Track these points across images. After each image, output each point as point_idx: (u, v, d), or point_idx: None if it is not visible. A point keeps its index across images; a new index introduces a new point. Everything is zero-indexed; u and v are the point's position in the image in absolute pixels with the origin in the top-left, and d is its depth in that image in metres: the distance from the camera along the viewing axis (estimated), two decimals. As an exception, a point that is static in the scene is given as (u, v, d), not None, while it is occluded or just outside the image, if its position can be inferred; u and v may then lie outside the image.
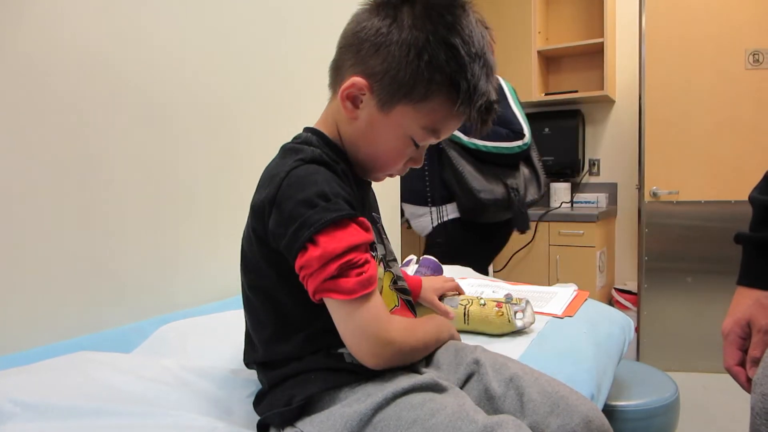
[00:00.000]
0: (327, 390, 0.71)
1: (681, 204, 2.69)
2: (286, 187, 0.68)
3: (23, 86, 1.08)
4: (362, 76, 0.74)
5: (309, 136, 0.79)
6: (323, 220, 0.65)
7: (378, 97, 0.74)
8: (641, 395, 1.40)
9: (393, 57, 0.71)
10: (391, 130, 0.76)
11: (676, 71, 2.65)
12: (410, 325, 0.76)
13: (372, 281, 0.68)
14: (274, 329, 0.76)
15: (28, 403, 0.71)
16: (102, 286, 1.23)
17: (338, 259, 0.65)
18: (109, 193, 1.24)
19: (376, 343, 0.68)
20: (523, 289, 1.52)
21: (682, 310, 2.71)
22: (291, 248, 0.67)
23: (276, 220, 0.69)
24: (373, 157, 0.79)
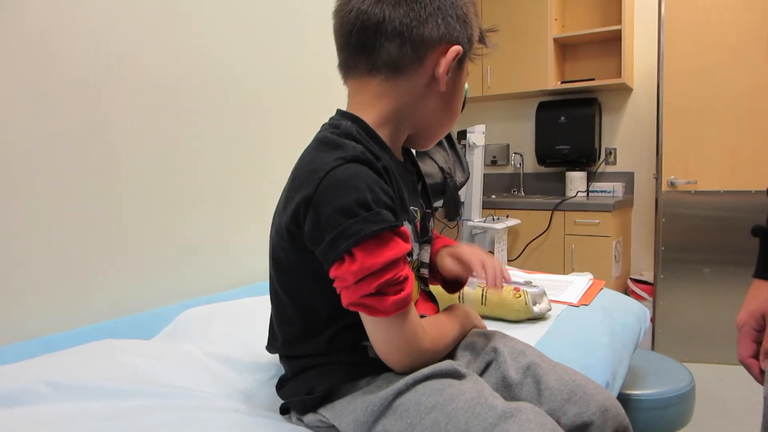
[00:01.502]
0: (348, 380, 0.73)
1: (699, 194, 2.66)
2: (325, 189, 0.64)
3: (46, 74, 1.10)
4: (455, 42, 0.74)
5: (348, 126, 0.72)
6: (362, 233, 0.62)
7: (459, 58, 0.75)
8: (656, 384, 1.40)
9: (463, 15, 0.75)
10: (462, 84, 0.79)
11: (696, 58, 2.61)
12: (440, 331, 0.76)
13: (408, 300, 0.66)
14: (301, 328, 0.75)
15: (60, 384, 0.74)
16: (124, 272, 1.26)
17: (376, 277, 0.63)
18: (130, 179, 1.27)
19: (408, 355, 0.69)
20: (538, 277, 1.52)
21: (699, 301, 2.69)
22: (326, 256, 0.65)
23: (312, 224, 0.65)
24: (449, 119, 0.81)
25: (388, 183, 0.68)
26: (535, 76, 3.26)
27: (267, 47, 1.62)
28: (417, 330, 0.69)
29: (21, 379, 0.74)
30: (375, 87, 0.74)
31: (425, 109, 0.77)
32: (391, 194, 0.67)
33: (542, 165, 3.48)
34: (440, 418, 0.63)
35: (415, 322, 0.69)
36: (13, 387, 0.72)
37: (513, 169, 3.68)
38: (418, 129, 0.80)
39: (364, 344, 0.72)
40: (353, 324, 0.70)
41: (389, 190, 0.67)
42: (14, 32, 1.05)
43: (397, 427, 0.65)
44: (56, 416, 0.70)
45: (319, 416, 0.74)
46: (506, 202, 3.24)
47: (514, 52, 3.28)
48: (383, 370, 0.71)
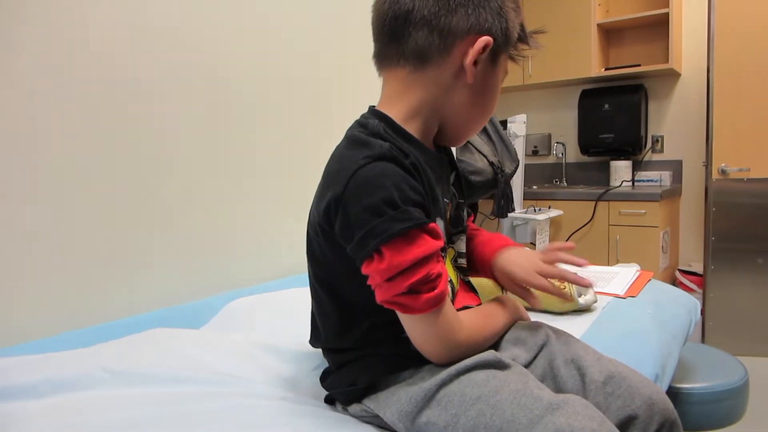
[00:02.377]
0: (391, 372, 0.73)
1: (752, 182, 2.55)
2: (353, 188, 0.65)
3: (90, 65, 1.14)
4: (485, 33, 0.71)
5: (376, 125, 0.72)
6: (390, 232, 0.62)
7: (491, 51, 0.73)
8: (708, 378, 1.36)
9: (497, 8, 0.72)
10: (496, 80, 0.77)
11: (749, 39, 2.50)
12: (478, 323, 0.75)
13: (442, 297, 0.66)
14: (339, 320, 0.76)
15: (116, 370, 0.78)
16: (172, 264, 1.30)
17: (407, 275, 0.63)
18: (179, 176, 1.30)
19: (445, 348, 0.69)
20: (583, 268, 1.49)
21: (752, 293, 2.59)
22: (357, 255, 0.66)
23: (342, 223, 0.66)
24: (481, 116, 0.79)
25: (417, 179, 0.68)
26: (578, 63, 3.18)
27: (309, 44, 1.64)
28: (453, 325, 0.69)
29: (80, 366, 0.78)
30: (404, 77, 0.74)
31: (453, 102, 0.75)
32: (419, 190, 0.67)
33: (585, 154, 3.40)
34: (485, 409, 0.63)
35: (450, 317, 0.69)
36: (72, 373, 0.76)
37: (555, 159, 3.61)
38: (446, 124, 0.78)
39: (404, 336, 0.71)
40: (391, 319, 0.70)
41: (418, 187, 0.67)
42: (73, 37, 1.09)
43: (442, 418, 0.65)
44: (112, 400, 0.73)
45: (363, 406, 0.74)
46: (548, 192, 3.18)
47: (556, 40, 3.20)
48: (425, 362, 0.71)
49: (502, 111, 3.35)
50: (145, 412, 0.71)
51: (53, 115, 1.08)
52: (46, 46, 1.06)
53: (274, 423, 0.69)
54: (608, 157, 3.30)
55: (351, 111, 0.85)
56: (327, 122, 1.68)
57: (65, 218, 1.10)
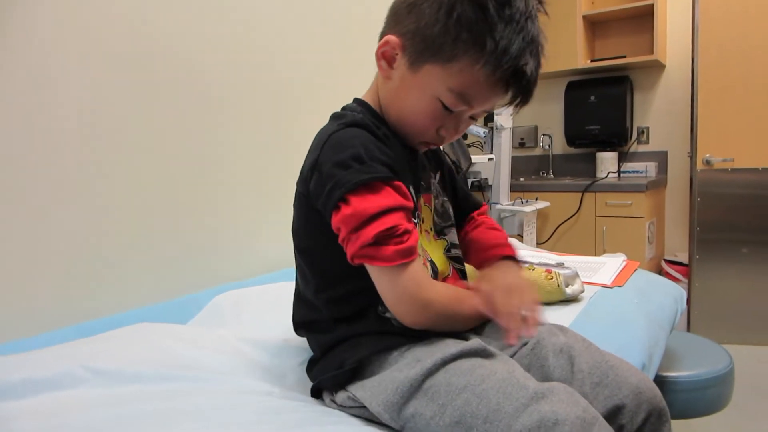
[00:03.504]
0: (377, 353, 0.73)
1: (736, 172, 2.58)
2: (327, 150, 0.71)
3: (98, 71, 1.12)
4: (396, 35, 0.74)
5: (354, 105, 0.82)
6: (354, 181, 0.67)
7: (409, 56, 0.74)
8: (694, 366, 1.37)
9: (424, 14, 0.71)
10: (419, 90, 0.75)
11: (733, 32, 2.51)
12: (456, 295, 0.75)
13: (412, 251, 0.68)
14: (319, 286, 0.78)
15: (98, 369, 0.76)
16: (156, 259, 1.28)
17: (373, 224, 0.66)
18: (160, 169, 1.28)
19: (414, 304, 0.70)
20: (570, 259, 1.50)
21: (736, 282, 2.62)
22: (326, 208, 0.70)
23: (315, 182, 0.71)
24: (404, 119, 0.78)
25: (388, 147, 0.73)
26: (564, 55, 3.18)
27: (294, 44, 1.62)
28: (422, 281, 0.70)
29: (61, 364, 0.76)
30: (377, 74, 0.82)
31: (385, 98, 0.79)
32: (388, 153, 0.72)
33: (572, 146, 3.42)
34: (471, 398, 0.63)
35: (420, 273, 0.70)
36: (53, 372, 0.74)
37: (542, 150, 3.63)
38: (389, 119, 0.80)
39: (386, 316, 0.73)
40: (370, 287, 0.71)
41: (387, 151, 0.72)
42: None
43: (429, 409, 0.65)
44: (95, 400, 0.72)
45: (350, 394, 0.74)
46: (535, 184, 3.20)
47: (542, 30, 3.20)
48: (410, 341, 0.72)
49: (489, 103, 3.34)
50: (130, 410, 0.70)
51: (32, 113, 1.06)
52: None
53: (262, 420, 0.68)
54: (594, 149, 3.32)
55: (336, 107, 0.85)
56: (312, 119, 1.66)
57: (45, 215, 1.08)
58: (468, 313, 0.76)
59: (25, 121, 1.05)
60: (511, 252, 0.88)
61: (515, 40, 0.70)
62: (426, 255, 0.80)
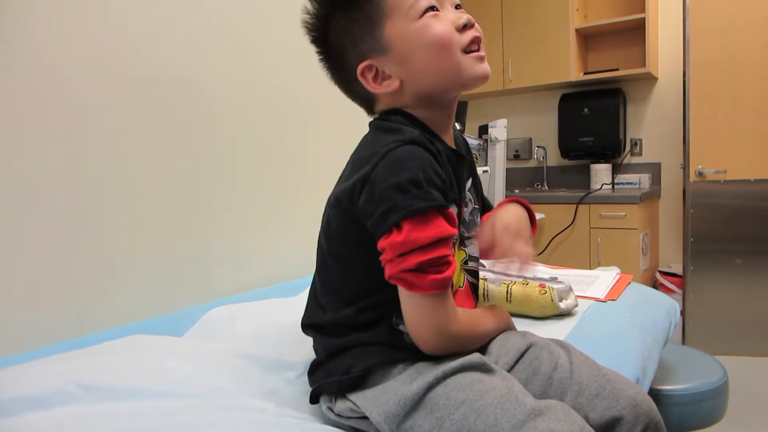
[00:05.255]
0: (383, 364, 0.73)
1: (729, 183, 2.60)
2: (382, 168, 0.69)
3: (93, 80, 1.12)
4: (361, 61, 0.77)
5: (399, 117, 0.77)
6: (412, 208, 0.66)
7: (379, 55, 0.76)
8: (688, 379, 1.37)
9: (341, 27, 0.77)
10: (409, 40, 0.75)
11: (723, 44, 2.55)
12: (473, 321, 0.77)
13: (447, 283, 0.68)
14: (347, 294, 0.77)
15: (90, 385, 0.75)
16: (150, 273, 1.28)
17: (419, 253, 0.66)
18: (157, 181, 1.28)
19: (436, 335, 0.70)
20: (564, 273, 1.50)
21: (731, 293, 2.63)
22: (377, 229, 0.68)
23: (366, 198, 0.69)
24: (436, 65, 0.75)
25: (441, 166, 0.72)
26: (558, 68, 3.21)
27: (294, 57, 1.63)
28: (449, 313, 0.71)
29: (52, 381, 0.76)
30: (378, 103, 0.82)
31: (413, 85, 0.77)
32: (442, 176, 0.71)
33: (566, 158, 3.44)
34: (469, 413, 0.64)
35: (449, 306, 0.71)
36: (44, 389, 0.74)
37: (536, 162, 3.64)
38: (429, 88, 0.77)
39: (400, 329, 0.74)
40: (393, 299, 0.71)
41: (441, 172, 0.71)
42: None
43: (427, 423, 0.66)
44: (88, 418, 0.71)
45: (350, 404, 0.74)
46: (530, 196, 3.21)
47: (536, 45, 3.24)
48: (418, 357, 0.72)
49: (483, 116, 3.37)
50: (123, 428, 0.69)
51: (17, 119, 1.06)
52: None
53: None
54: (588, 161, 3.34)
55: (334, 123, 0.85)
56: (310, 133, 1.67)
57: (37, 227, 1.08)
58: (480, 335, 0.79)
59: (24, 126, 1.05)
60: (518, 199, 0.88)
61: None
62: None
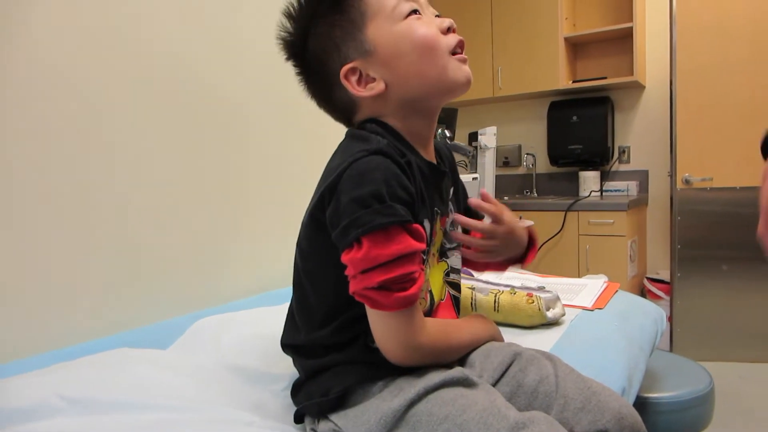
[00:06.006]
0: (362, 383, 0.73)
1: (715, 191, 2.63)
2: (347, 179, 0.67)
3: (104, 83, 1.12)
4: (346, 64, 0.76)
5: (374, 126, 0.77)
6: (372, 224, 0.64)
7: (362, 57, 0.75)
8: (675, 387, 1.38)
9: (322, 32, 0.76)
10: (394, 36, 0.75)
11: (709, 54, 2.58)
12: (444, 332, 0.76)
13: (412, 300, 0.67)
14: (320, 311, 0.76)
15: (74, 398, 0.75)
16: (137, 284, 1.27)
17: (382, 270, 0.64)
18: (142, 191, 1.28)
19: (404, 349, 0.69)
20: (552, 281, 1.51)
21: (717, 299, 2.65)
22: (339, 242, 0.67)
23: (332, 209, 0.69)
24: (422, 68, 0.76)
25: (409, 178, 0.70)
26: (547, 75, 3.24)
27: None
28: (416, 328, 0.69)
29: (35, 393, 0.75)
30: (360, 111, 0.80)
31: (398, 90, 0.77)
32: (409, 190, 0.69)
33: (555, 165, 3.46)
34: (452, 429, 0.63)
35: (416, 320, 0.70)
36: (27, 401, 0.73)
37: (525, 170, 3.66)
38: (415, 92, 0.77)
39: (375, 346, 0.72)
40: (364, 315, 0.71)
41: (408, 186, 0.69)
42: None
43: None
44: (70, 430, 0.70)
45: (332, 425, 0.74)
46: (519, 203, 3.22)
47: (525, 53, 3.26)
48: (398, 373, 0.72)
49: (473, 123, 3.39)
50: (106, 441, 0.68)
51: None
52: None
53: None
54: (577, 168, 3.36)
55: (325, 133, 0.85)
56: (299, 144, 1.67)
57: (16, 237, 1.07)
58: (456, 346, 0.77)
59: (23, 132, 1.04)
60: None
61: None
62: (428, 286, 0.80)
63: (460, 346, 0.79)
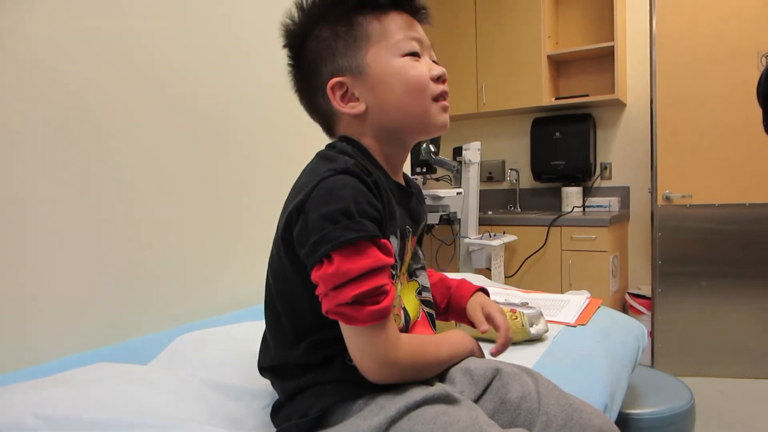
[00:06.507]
0: (342, 401, 0.72)
1: (694, 207, 2.67)
2: (315, 198, 0.68)
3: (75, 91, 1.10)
4: (332, 77, 0.77)
5: (344, 146, 0.77)
6: (341, 239, 0.65)
7: (350, 73, 0.77)
8: (656, 403, 1.39)
9: (323, 38, 0.77)
10: (384, 73, 0.77)
11: (688, 74, 2.63)
12: (421, 346, 0.75)
13: (386, 313, 0.67)
14: (293, 332, 0.76)
15: (50, 417, 0.73)
16: (118, 298, 1.25)
17: (353, 285, 0.65)
18: (126, 208, 1.26)
19: (380, 365, 0.69)
20: (535, 297, 1.52)
21: (698, 315, 2.68)
22: (308, 260, 0.68)
23: (300, 228, 0.69)
24: (405, 103, 0.78)
25: (377, 197, 0.71)
26: (530, 92, 3.28)
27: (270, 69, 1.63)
28: (392, 342, 0.69)
29: (8, 412, 0.73)
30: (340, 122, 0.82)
31: (375, 117, 0.79)
32: (377, 207, 0.70)
33: (538, 180, 3.49)
34: None
35: (391, 334, 0.69)
36: (0, 421, 0.71)
37: (509, 185, 3.69)
38: (395, 125, 0.80)
39: (353, 364, 0.71)
40: (339, 335, 0.71)
41: (376, 203, 0.70)
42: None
43: None
44: (46, 450, 0.68)
45: None
46: (502, 218, 3.24)
47: (509, 70, 3.31)
48: (376, 393, 0.71)
49: (458, 138, 3.41)
50: (82, 461, 0.67)
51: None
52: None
53: (220, 469, 0.66)
54: (560, 183, 3.40)
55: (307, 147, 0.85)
56: (283, 155, 1.67)
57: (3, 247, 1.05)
58: (433, 361, 0.76)
59: None
60: (480, 286, 0.97)
61: None
62: (400, 302, 0.80)
63: (439, 360, 0.78)
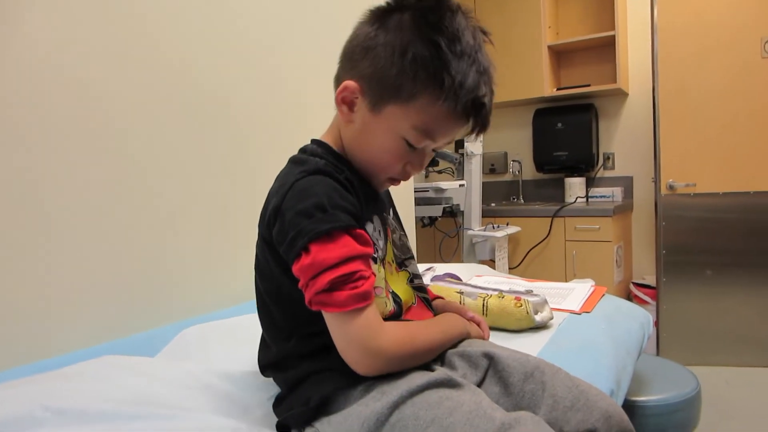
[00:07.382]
0: (342, 389, 0.73)
1: (698, 196, 2.66)
2: (290, 198, 0.71)
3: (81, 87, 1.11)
4: (354, 79, 0.76)
5: (314, 148, 0.82)
6: (316, 231, 0.68)
7: (369, 99, 0.75)
8: (662, 390, 1.39)
9: (379, 58, 0.73)
10: (383, 131, 0.77)
11: (690, 62, 2.62)
12: (408, 333, 0.74)
13: (367, 296, 0.68)
14: (287, 327, 0.79)
15: (59, 409, 0.73)
16: (124, 294, 1.25)
17: (329, 271, 0.67)
18: (131, 203, 1.27)
19: (364, 353, 0.69)
20: (539, 285, 1.52)
21: (702, 304, 2.68)
22: (288, 255, 0.70)
23: (278, 229, 0.72)
24: (370, 160, 0.80)
25: (350, 191, 0.74)
26: (531, 83, 3.27)
27: (264, 67, 1.63)
28: (374, 327, 0.69)
29: (18, 405, 0.73)
30: (336, 115, 0.84)
31: (349, 141, 0.81)
32: (350, 200, 0.73)
33: (541, 172, 3.49)
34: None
35: (372, 320, 0.69)
36: (10, 414, 0.71)
37: (512, 176, 3.69)
38: (353, 160, 0.82)
39: None
40: None
41: (349, 197, 0.73)
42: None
43: None
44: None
45: (315, 430, 0.73)
46: (506, 209, 3.24)
47: (510, 61, 3.29)
48: (377, 378, 0.71)
49: (459, 130, 3.40)
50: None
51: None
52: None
53: (228, 457, 0.66)
54: (563, 174, 3.39)
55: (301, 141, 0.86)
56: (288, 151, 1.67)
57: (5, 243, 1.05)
58: (423, 347, 0.76)
59: None
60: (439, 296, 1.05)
61: (470, 73, 0.72)
62: (388, 287, 0.81)
63: (430, 346, 0.77)
